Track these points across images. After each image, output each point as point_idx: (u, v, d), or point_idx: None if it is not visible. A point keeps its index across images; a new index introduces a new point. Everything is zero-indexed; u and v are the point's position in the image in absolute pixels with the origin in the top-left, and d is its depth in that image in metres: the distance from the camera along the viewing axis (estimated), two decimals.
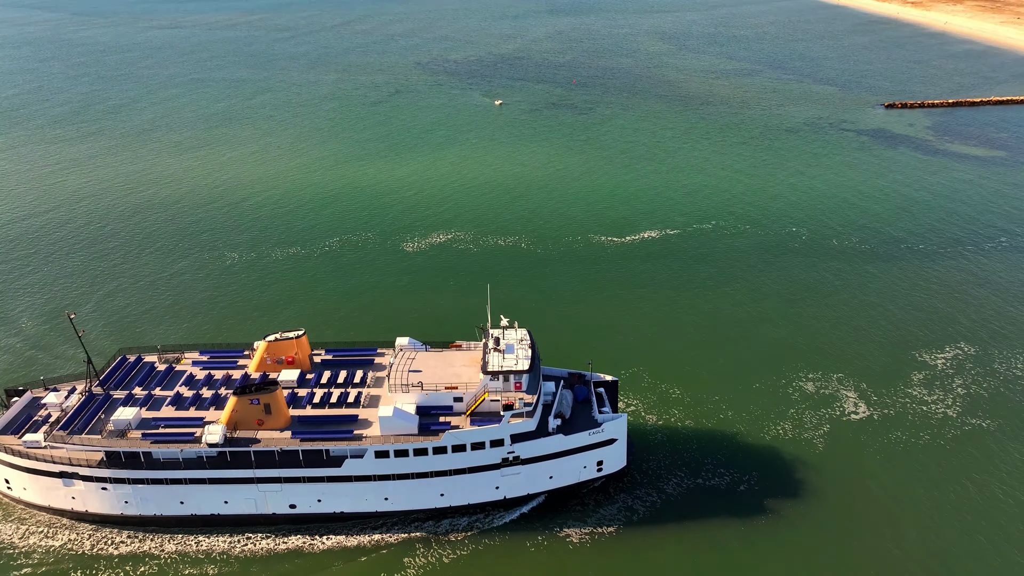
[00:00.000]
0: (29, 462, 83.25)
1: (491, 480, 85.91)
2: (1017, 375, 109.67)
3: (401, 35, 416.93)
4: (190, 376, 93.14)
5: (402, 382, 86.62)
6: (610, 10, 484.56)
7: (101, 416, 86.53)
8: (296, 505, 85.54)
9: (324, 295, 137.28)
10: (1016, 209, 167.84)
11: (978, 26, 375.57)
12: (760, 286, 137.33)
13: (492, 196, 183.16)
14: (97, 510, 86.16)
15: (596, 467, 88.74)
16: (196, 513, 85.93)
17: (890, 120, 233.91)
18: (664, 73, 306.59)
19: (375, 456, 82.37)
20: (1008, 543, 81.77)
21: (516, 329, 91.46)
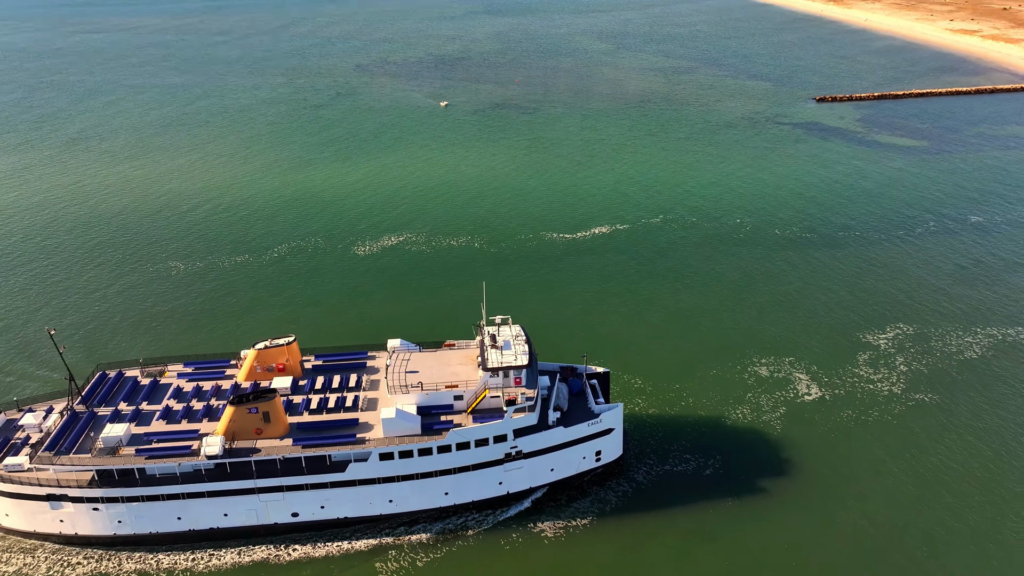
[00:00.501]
0: (12, 486, 79.72)
1: (494, 476, 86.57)
2: (952, 351, 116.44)
3: (339, 38, 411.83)
4: (177, 389, 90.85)
5: (401, 383, 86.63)
6: (547, 10, 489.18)
7: (90, 434, 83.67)
8: (298, 513, 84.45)
9: (286, 302, 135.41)
10: (941, 195, 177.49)
11: (896, 23, 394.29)
12: (711, 276, 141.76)
13: (443, 198, 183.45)
14: (88, 532, 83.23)
15: (595, 457, 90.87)
16: (194, 528, 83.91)
17: (822, 113, 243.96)
18: (605, 72, 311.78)
19: (379, 459, 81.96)
20: (954, 508, 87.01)
21: (511, 326, 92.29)
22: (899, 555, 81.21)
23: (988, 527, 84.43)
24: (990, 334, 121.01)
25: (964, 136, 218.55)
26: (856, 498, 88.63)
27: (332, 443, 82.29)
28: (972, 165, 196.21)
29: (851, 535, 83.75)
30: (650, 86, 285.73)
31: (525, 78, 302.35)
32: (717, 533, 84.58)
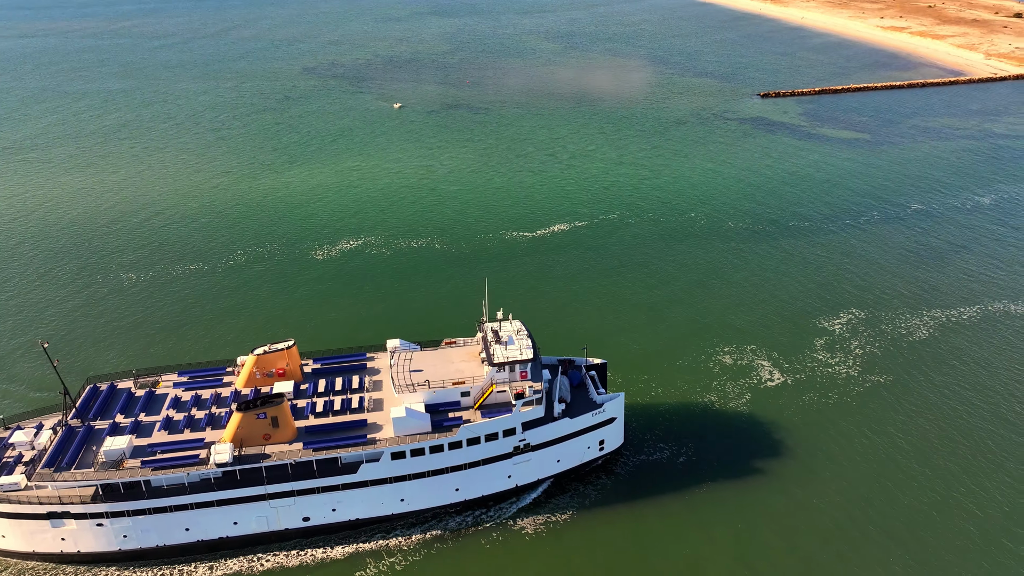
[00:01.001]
0: (9, 506, 77.49)
1: (504, 470, 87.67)
2: (902, 333, 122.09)
3: (284, 41, 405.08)
4: (176, 399, 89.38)
5: (407, 382, 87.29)
6: (492, 11, 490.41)
7: (90, 449, 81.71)
8: (310, 517, 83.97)
9: (255, 310, 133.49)
10: (882, 184, 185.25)
11: (830, 20, 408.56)
12: (669, 270, 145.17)
13: (400, 200, 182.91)
14: (91, 549, 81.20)
15: (599, 447, 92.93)
16: (203, 539, 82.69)
17: (766, 108, 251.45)
18: (554, 71, 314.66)
19: (391, 458, 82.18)
20: (911, 483, 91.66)
21: (511, 321, 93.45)
22: (873, 527, 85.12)
23: (950, 496, 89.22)
24: (936, 315, 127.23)
25: (901, 128, 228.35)
26: (830, 477, 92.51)
27: (343, 445, 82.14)
28: (910, 155, 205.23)
29: (829, 512, 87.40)
30: (600, 84, 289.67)
31: (476, 79, 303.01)
32: (709, 518, 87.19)
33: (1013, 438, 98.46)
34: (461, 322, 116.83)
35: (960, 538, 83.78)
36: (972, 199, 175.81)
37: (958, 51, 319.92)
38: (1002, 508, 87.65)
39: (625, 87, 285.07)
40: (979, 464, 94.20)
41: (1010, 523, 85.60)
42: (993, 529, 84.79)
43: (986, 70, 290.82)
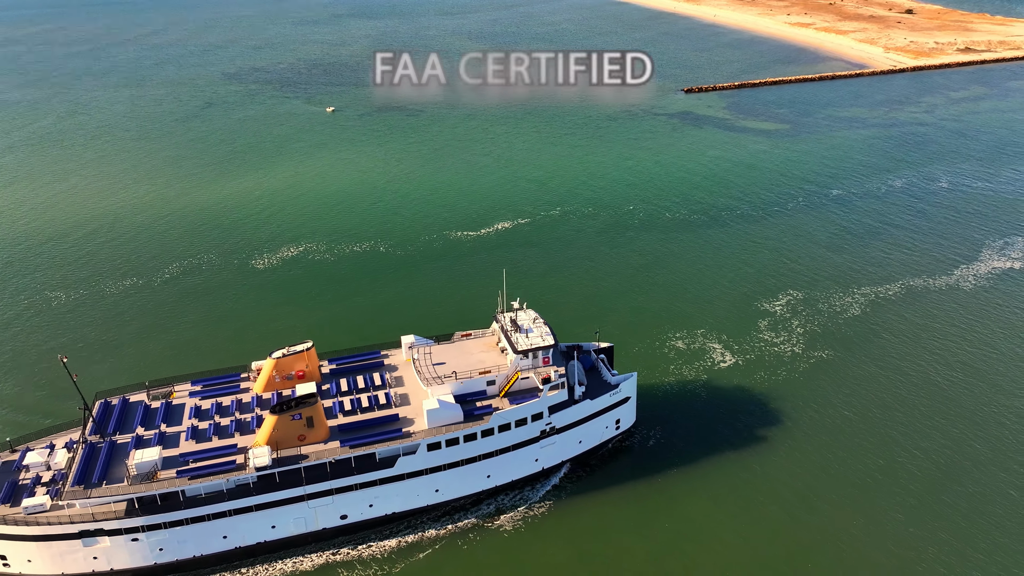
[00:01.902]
0: (39, 528, 74.93)
1: (531, 454, 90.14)
2: (837, 311, 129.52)
3: (199, 46, 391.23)
4: (196, 408, 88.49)
5: (434, 375, 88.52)
6: (412, 13, 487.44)
7: (123, 463, 79.75)
8: (347, 515, 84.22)
9: (200, 321, 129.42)
10: (804, 173, 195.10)
11: (741, 18, 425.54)
12: (613, 261, 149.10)
13: (340, 203, 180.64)
14: (125, 565, 79.27)
15: (615, 425, 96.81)
16: (240, 545, 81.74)
17: (691, 103, 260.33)
18: (479, 71, 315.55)
19: (427, 449, 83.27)
20: (859, 451, 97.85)
21: (526, 310, 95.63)
22: (831, 494, 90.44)
23: (894, 460, 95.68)
24: (865, 292, 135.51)
25: (816, 118, 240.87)
26: (786, 449, 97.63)
27: (380, 440, 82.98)
28: (826, 144, 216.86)
29: (789, 483, 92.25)
30: (531, 83, 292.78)
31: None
32: (658, 501, 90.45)
33: (944, 402, 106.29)
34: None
35: (908, 497, 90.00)
36: (885, 183, 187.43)
37: (860, 45, 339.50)
38: (939, 467, 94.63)
39: (553, 86, 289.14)
40: (915, 428, 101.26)
41: (948, 480, 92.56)
42: (933, 488, 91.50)
43: (886, 63, 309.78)
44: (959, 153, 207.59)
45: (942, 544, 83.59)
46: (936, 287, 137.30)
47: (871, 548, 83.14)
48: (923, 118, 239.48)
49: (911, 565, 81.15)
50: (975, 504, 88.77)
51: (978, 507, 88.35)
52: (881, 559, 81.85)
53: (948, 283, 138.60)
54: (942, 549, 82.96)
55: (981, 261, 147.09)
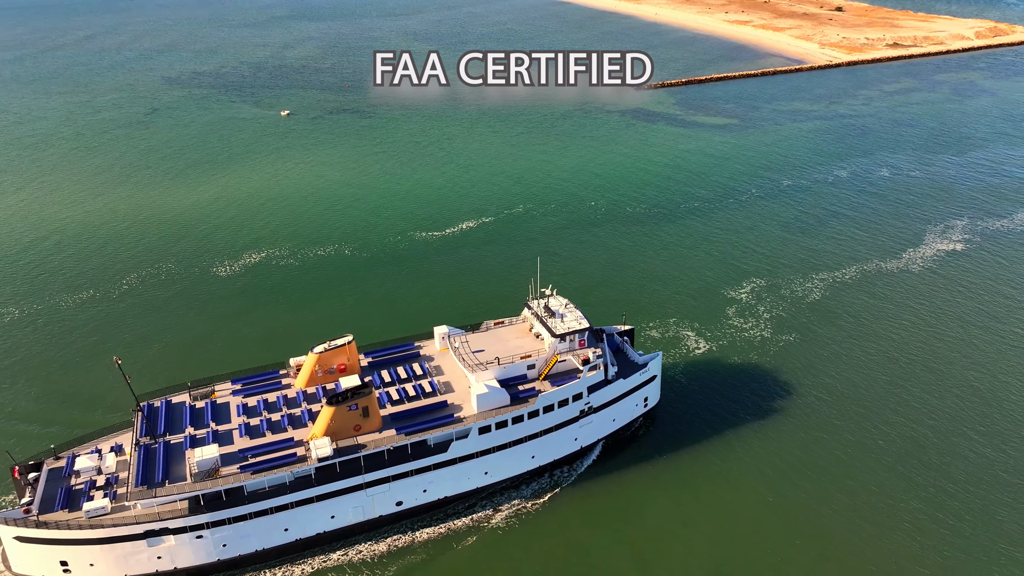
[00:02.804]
0: (104, 531, 75.19)
1: (571, 433, 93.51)
2: (799, 296, 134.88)
3: (135, 51, 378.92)
4: (242, 405, 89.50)
5: (476, 361, 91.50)
6: (351, 15, 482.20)
7: (184, 462, 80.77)
8: (402, 501, 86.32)
9: (171, 334, 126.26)
10: (756, 164, 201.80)
11: (682, 16, 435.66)
12: (579, 256, 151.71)
13: (301, 208, 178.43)
14: (189, 563, 79.87)
15: (643, 404, 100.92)
16: (300, 537, 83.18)
17: (641, 99, 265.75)
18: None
19: (478, 433, 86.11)
20: (832, 429, 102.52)
21: (556, 296, 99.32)
22: (810, 471, 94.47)
23: (866, 436, 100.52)
24: (823, 277, 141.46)
25: (762, 112, 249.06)
26: (766, 432, 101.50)
27: (434, 425, 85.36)
28: (774, 136, 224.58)
29: (771, 462, 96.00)
30: (482, 83, 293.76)
31: (354, 82, 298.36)
32: (644, 490, 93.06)
33: (904, 377, 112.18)
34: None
35: (880, 470, 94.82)
36: (832, 173, 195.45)
37: (797, 42, 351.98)
38: (905, 438, 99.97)
39: (506, 85, 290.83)
40: (881, 403, 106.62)
41: (915, 449, 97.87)
42: (902, 458, 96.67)
43: (822, 58, 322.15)
44: (896, 143, 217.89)
45: (915, 511, 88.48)
46: (888, 270, 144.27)
47: (852, 521, 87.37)
48: (861, 110, 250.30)
49: (889, 534, 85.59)
50: (939, 471, 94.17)
51: (943, 473, 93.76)
52: (864, 529, 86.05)
53: (898, 266, 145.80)
54: (916, 517, 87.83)
55: (926, 244, 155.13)
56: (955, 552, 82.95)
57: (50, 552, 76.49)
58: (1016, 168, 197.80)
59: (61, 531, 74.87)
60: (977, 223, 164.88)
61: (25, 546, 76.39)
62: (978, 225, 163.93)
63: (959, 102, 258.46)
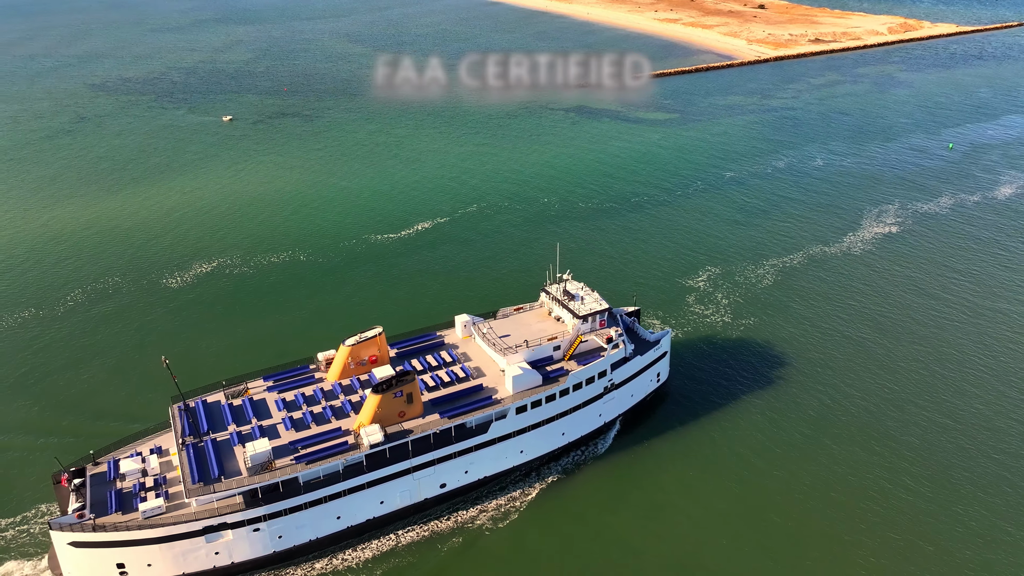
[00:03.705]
0: (163, 530, 75.77)
1: (596, 410, 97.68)
2: (752, 282, 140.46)
3: (51, 58, 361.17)
4: (281, 401, 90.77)
5: (507, 345, 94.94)
6: (280, 18, 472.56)
7: (236, 457, 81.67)
8: (446, 483, 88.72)
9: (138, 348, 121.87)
10: (699, 157, 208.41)
11: (613, 15, 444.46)
12: (538, 252, 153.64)
13: (250, 215, 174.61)
14: (246, 556, 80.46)
15: (656, 379, 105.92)
16: (352, 524, 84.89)
17: (583, 97, 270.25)
18: (370, 73, 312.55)
19: (515, 412, 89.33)
20: (797, 404, 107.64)
21: (571, 281, 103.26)
22: (779, 447, 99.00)
23: (825, 410, 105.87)
24: (773, 263, 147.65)
25: (700, 107, 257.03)
26: (738, 411, 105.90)
27: (474, 408, 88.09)
28: (713, 131, 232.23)
29: (745, 438, 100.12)
30: (425, 84, 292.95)
31: (292, 85, 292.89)
32: (624, 476, 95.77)
33: (857, 353, 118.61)
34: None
35: (843, 441, 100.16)
36: (770, 164, 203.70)
37: (726, 38, 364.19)
38: (863, 409, 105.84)
39: (442, 86, 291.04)
40: (838, 377, 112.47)
41: (872, 420, 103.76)
42: (863, 428, 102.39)
43: (751, 54, 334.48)
44: (827, 134, 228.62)
45: (879, 477, 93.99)
46: (832, 253, 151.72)
47: (824, 491, 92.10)
48: (791, 103, 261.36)
49: (863, 502, 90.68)
50: (896, 437, 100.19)
51: (899, 439, 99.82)
52: (837, 498, 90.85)
53: (841, 249, 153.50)
54: (878, 483, 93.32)
55: (863, 228, 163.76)
56: (924, 517, 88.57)
57: (106, 555, 76.30)
58: (936, 154, 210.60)
59: (119, 533, 75.02)
60: (907, 206, 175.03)
61: (80, 551, 75.69)
62: (908, 208, 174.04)
63: (880, 94, 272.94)
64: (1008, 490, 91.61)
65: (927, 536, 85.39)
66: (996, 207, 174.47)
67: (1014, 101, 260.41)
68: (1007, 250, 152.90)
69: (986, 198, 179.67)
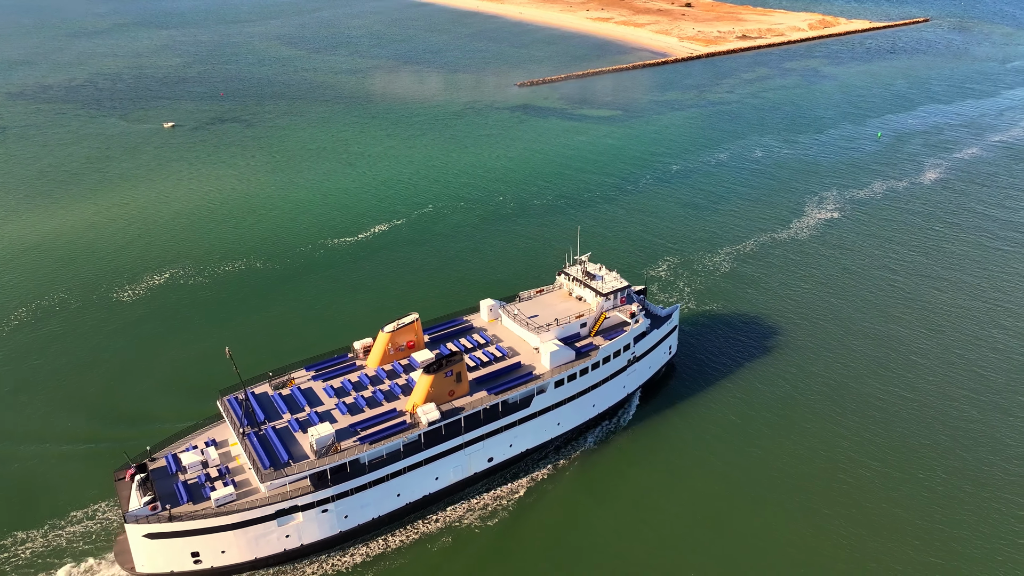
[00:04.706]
0: (238, 516, 78.15)
1: (620, 382, 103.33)
2: (710, 270, 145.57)
3: None
4: (329, 388, 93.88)
5: (538, 324, 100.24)
6: (204, 21, 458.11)
7: (300, 442, 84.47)
8: (493, 457, 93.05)
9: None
10: (645, 152, 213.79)
11: (546, 15, 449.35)
12: (498, 249, 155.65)
13: (200, 224, 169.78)
14: (315, 538, 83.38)
15: (669, 351, 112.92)
16: (410, 501, 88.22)
17: (528, 96, 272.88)
18: (309, 76, 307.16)
19: (554, 387, 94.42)
20: (767, 382, 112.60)
21: (587, 262, 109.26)
22: (754, 426, 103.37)
23: (795, 389, 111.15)
24: (727, 251, 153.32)
25: (641, 104, 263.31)
26: (712, 392, 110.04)
27: (516, 384, 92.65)
28: (656, 126, 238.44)
29: (723, 415, 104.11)
30: (364, 87, 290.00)
31: (228, 90, 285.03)
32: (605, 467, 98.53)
33: (814, 333, 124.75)
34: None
35: (811, 417, 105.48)
36: (714, 156, 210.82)
37: (658, 36, 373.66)
38: (828, 385, 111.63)
39: (392, 86, 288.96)
40: (801, 357, 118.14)
41: (835, 395, 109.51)
42: (827, 401, 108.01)
43: (684, 51, 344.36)
44: (763, 126, 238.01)
45: (846, 448, 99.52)
46: (781, 239, 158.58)
47: (799, 465, 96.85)
48: (727, 98, 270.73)
49: (838, 473, 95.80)
50: (861, 410, 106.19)
51: (863, 412, 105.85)
52: (812, 472, 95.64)
53: (789, 235, 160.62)
54: (847, 452, 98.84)
55: (807, 215, 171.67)
56: (895, 483, 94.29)
57: (182, 545, 78.14)
58: (864, 143, 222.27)
59: (194, 522, 76.93)
60: (844, 192, 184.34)
61: (156, 542, 77.44)
62: (845, 194, 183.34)
63: (807, 87, 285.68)
64: (963, 454, 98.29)
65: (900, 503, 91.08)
66: (924, 190, 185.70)
67: (928, 92, 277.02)
68: (938, 229, 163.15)
69: (914, 183, 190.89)
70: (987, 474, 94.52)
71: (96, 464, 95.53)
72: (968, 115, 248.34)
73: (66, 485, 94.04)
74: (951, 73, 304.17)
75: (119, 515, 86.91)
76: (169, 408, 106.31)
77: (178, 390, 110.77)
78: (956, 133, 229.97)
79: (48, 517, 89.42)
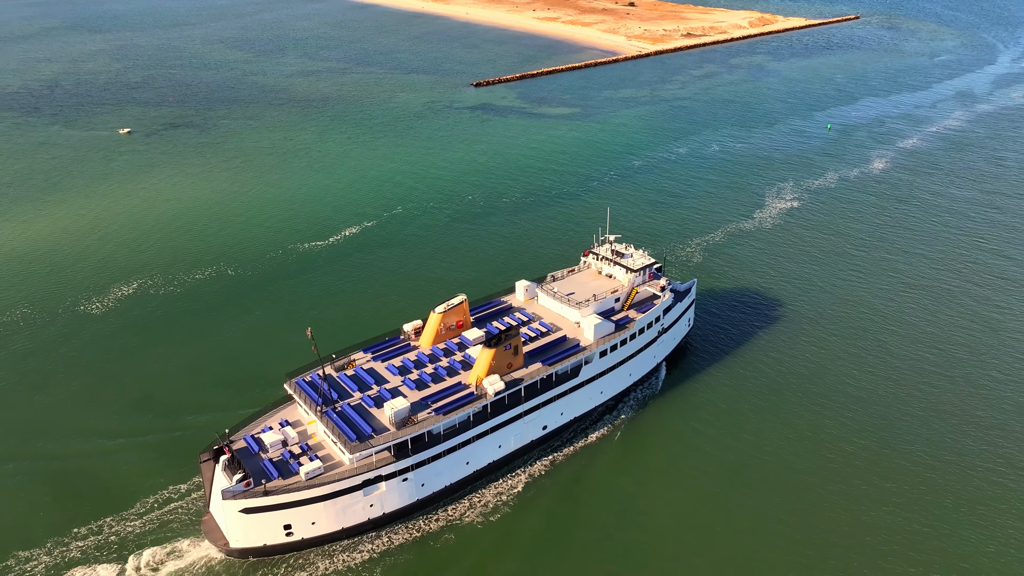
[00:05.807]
0: (328, 487, 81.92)
1: (652, 352, 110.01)
2: (683, 260, 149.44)
3: None
4: (391, 367, 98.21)
5: (577, 300, 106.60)
6: (141, 25, 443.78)
7: (377, 417, 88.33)
8: (547, 425, 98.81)
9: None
10: (606, 149, 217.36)
11: (493, 15, 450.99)
12: (475, 247, 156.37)
13: (164, 232, 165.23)
14: (396, 506, 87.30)
15: (688, 324, 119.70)
16: (477, 469, 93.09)
17: (484, 96, 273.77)
18: (261, 80, 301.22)
19: (599, 357, 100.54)
20: (756, 367, 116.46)
21: (612, 243, 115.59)
22: (741, 412, 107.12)
23: (779, 374, 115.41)
24: (698, 242, 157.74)
25: (596, 101, 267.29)
26: (699, 375, 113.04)
27: (566, 356, 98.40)
28: (613, 123, 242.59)
29: (711, 401, 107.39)
30: (318, 89, 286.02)
31: (177, 95, 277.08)
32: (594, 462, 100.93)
33: (792, 317, 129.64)
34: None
35: (800, 396, 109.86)
36: (672, 151, 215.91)
37: (606, 35, 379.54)
38: (808, 367, 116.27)
39: (344, 90, 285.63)
40: (782, 340, 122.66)
41: (815, 376, 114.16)
42: (807, 383, 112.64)
43: (632, 49, 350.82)
44: (716, 121, 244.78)
45: (833, 426, 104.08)
46: (747, 229, 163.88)
47: (790, 446, 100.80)
48: (679, 94, 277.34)
49: (826, 451, 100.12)
50: (839, 390, 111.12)
51: (842, 391, 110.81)
52: (800, 451, 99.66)
53: (754, 225, 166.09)
54: (834, 430, 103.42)
55: (768, 205, 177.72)
56: (882, 458, 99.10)
57: (275, 518, 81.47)
58: (813, 134, 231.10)
59: (288, 495, 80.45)
60: (800, 182, 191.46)
61: (251, 517, 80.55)
62: (801, 184, 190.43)
63: (754, 83, 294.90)
64: (937, 424, 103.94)
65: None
66: (873, 177, 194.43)
67: (866, 85, 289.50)
68: (892, 213, 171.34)
69: (864, 172, 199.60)
70: (962, 444, 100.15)
71: (169, 453, 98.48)
72: (905, 107, 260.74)
73: (143, 475, 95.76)
74: (885, 68, 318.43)
75: (201, 498, 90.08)
76: (229, 398, 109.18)
77: (231, 383, 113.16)
78: (896, 124, 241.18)
79: (129, 505, 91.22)
